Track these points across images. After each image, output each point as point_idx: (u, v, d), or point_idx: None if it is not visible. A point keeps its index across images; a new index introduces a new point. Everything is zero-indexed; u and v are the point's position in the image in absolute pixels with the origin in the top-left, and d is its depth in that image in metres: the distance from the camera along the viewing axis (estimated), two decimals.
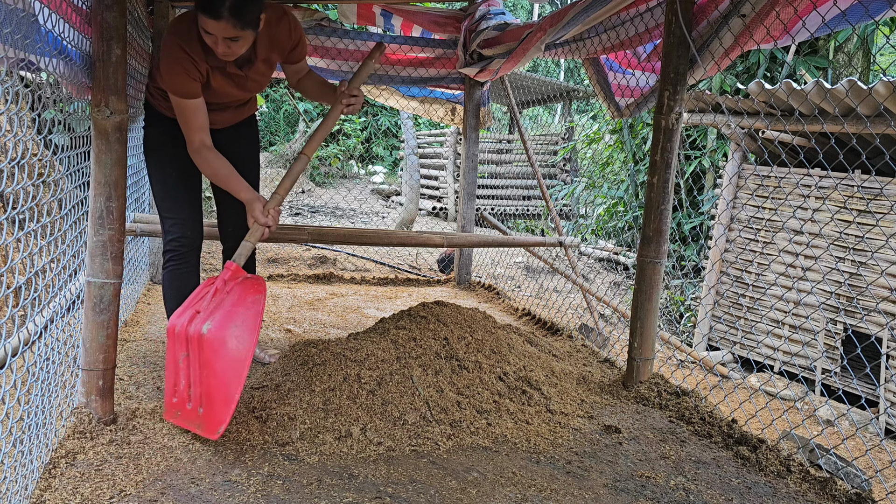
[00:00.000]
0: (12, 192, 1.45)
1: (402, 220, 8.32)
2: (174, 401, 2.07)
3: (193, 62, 2.14)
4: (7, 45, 1.30)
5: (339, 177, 13.27)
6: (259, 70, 2.33)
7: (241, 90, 2.37)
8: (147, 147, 2.45)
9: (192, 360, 2.00)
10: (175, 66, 2.12)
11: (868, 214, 4.72)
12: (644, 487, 1.98)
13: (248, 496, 1.73)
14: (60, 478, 1.71)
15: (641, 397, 2.68)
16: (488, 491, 1.87)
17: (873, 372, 4.66)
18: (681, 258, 7.48)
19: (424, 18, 4.28)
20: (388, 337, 2.48)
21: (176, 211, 2.41)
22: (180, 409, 2.05)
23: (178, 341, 2.04)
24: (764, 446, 2.27)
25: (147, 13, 3.65)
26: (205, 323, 2.00)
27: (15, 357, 1.48)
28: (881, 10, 2.00)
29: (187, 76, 2.14)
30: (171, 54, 2.12)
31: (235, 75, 2.29)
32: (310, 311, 3.78)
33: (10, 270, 1.63)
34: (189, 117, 2.20)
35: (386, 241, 3.80)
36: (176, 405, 2.06)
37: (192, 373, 2.02)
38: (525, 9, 18.28)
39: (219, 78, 2.26)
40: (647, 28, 2.89)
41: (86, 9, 1.89)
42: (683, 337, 6.22)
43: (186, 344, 2.01)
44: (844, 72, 7.00)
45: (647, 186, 2.74)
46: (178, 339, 2.03)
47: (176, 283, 2.42)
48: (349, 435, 2.04)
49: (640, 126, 8.35)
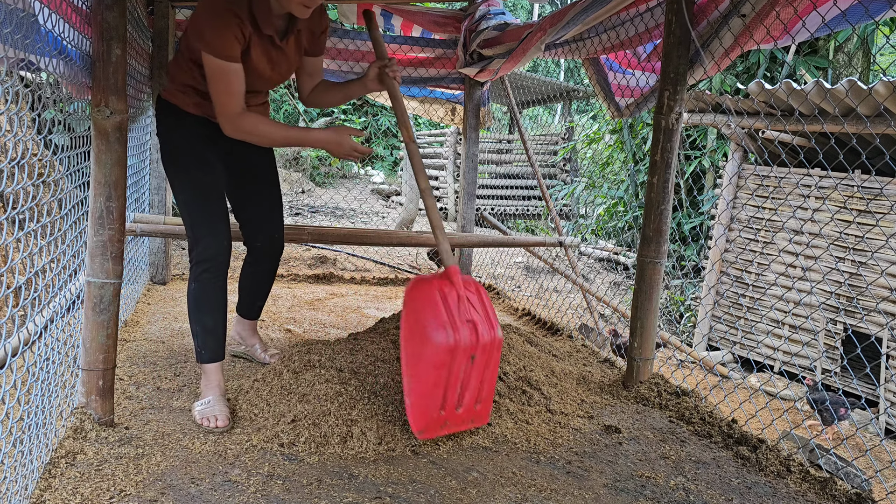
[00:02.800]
0: (12, 192, 1.45)
1: (402, 220, 8.32)
2: (441, 414, 2.03)
3: (240, 23, 2.03)
4: (7, 45, 1.30)
5: (339, 177, 13.27)
6: (291, 48, 2.25)
7: (272, 72, 2.24)
8: (173, 152, 2.26)
9: (479, 365, 2.02)
10: (220, 25, 2.00)
11: (868, 214, 4.72)
12: (644, 487, 1.98)
13: (248, 496, 1.73)
14: (60, 478, 1.71)
15: (641, 397, 2.68)
16: (488, 491, 1.87)
17: (873, 372, 4.66)
18: (681, 258, 7.48)
19: (424, 18, 4.28)
20: (388, 337, 2.48)
21: (211, 220, 2.23)
22: (448, 419, 2.05)
23: (463, 356, 1.97)
24: (764, 446, 2.26)
25: (147, 13, 3.65)
26: (491, 328, 2.04)
27: (15, 357, 1.48)
28: (881, 10, 2.00)
29: (233, 37, 2.02)
30: (216, 12, 2.01)
31: (274, 49, 2.19)
32: (310, 311, 3.78)
33: (10, 270, 1.63)
34: (229, 82, 2.05)
35: (386, 241, 3.80)
36: (443, 417, 2.04)
37: (473, 378, 2.03)
38: (525, 9, 18.29)
39: (258, 50, 2.14)
40: (647, 28, 2.88)
41: (86, 9, 1.89)
42: (683, 337, 6.22)
43: (476, 353, 2.00)
44: (844, 72, 7.00)
45: (647, 186, 2.74)
46: (464, 354, 1.97)
47: (214, 294, 2.25)
48: (349, 435, 2.04)
49: (640, 126, 8.35)
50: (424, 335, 1.97)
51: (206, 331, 2.23)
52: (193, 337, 2.26)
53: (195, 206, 2.24)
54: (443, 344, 1.94)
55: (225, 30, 2.01)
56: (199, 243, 2.23)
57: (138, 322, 3.24)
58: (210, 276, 2.23)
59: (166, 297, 3.81)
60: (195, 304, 2.25)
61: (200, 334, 2.24)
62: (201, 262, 2.23)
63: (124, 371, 2.54)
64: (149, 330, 3.14)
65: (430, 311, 2.00)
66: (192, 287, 2.25)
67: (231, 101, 2.07)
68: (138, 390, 2.38)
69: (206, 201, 2.23)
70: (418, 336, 1.99)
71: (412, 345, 2.02)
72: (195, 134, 2.27)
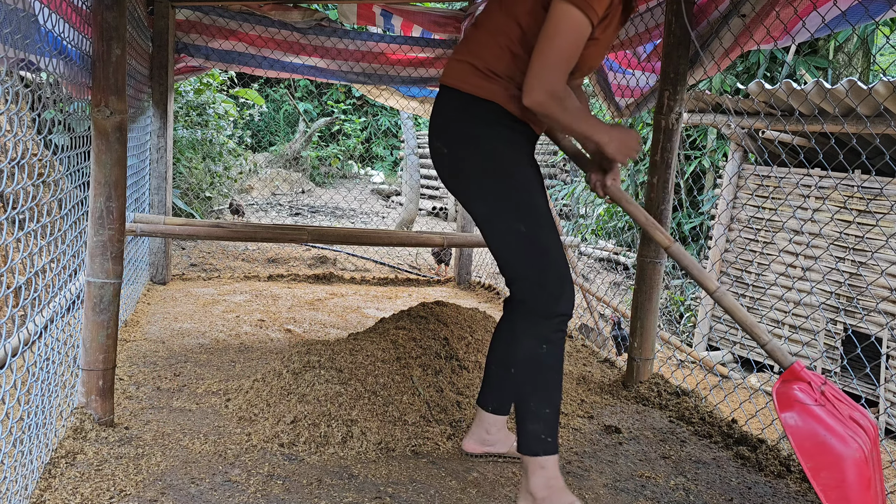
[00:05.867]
0: (12, 192, 1.46)
1: (402, 220, 8.32)
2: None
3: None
4: (7, 45, 1.30)
5: (339, 177, 13.27)
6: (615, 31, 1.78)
7: (598, 57, 1.79)
8: (502, 166, 1.69)
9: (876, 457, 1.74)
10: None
11: (868, 214, 4.72)
12: (644, 487, 1.98)
13: (248, 496, 1.73)
14: (60, 478, 1.71)
15: (641, 397, 2.68)
16: (488, 491, 1.87)
17: (873, 372, 4.66)
18: None
19: (424, 18, 4.28)
20: (388, 337, 2.48)
21: (559, 256, 1.68)
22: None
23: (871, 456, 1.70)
24: (764, 446, 2.27)
25: (147, 13, 3.65)
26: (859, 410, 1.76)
27: (15, 357, 1.48)
28: (881, 11, 2.00)
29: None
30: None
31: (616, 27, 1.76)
32: (310, 311, 3.78)
33: (10, 270, 1.63)
34: (574, 43, 1.57)
35: (386, 241, 3.80)
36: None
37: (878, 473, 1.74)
38: None
39: (614, 24, 1.71)
40: (647, 28, 2.89)
41: (86, 9, 1.89)
42: (683, 337, 6.22)
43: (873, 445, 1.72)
44: (844, 72, 7.00)
45: (647, 186, 2.74)
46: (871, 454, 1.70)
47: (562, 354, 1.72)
48: (350, 435, 2.04)
49: (640, 126, 8.35)
50: (834, 460, 1.67)
51: (556, 410, 1.68)
52: (534, 419, 1.65)
53: (544, 235, 1.67)
54: (858, 457, 1.65)
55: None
56: (565, 287, 1.66)
57: (138, 322, 3.24)
58: (563, 334, 1.69)
59: (166, 297, 3.81)
60: (550, 374, 1.67)
61: (551, 417, 1.66)
62: (561, 316, 1.66)
63: (124, 371, 2.54)
64: (149, 330, 3.14)
65: (821, 430, 1.69)
66: (545, 351, 1.65)
67: (562, 66, 1.58)
68: (138, 390, 2.38)
69: (553, 231, 1.69)
70: (828, 464, 1.67)
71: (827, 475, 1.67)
72: (521, 143, 1.75)
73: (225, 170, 7.40)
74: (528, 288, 1.66)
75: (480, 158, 1.70)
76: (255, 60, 4.17)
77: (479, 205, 1.73)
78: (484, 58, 1.70)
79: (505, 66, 1.68)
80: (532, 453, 1.65)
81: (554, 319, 1.65)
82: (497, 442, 1.98)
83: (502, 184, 1.69)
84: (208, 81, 6.94)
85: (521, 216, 1.67)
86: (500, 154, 1.70)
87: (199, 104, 6.92)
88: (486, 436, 1.97)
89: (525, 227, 1.66)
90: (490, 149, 1.70)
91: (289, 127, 14.76)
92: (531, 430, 1.66)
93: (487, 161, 1.70)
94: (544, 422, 1.65)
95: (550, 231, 1.68)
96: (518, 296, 1.69)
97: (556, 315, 1.65)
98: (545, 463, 1.65)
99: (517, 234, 1.67)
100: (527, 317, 1.67)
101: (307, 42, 4.19)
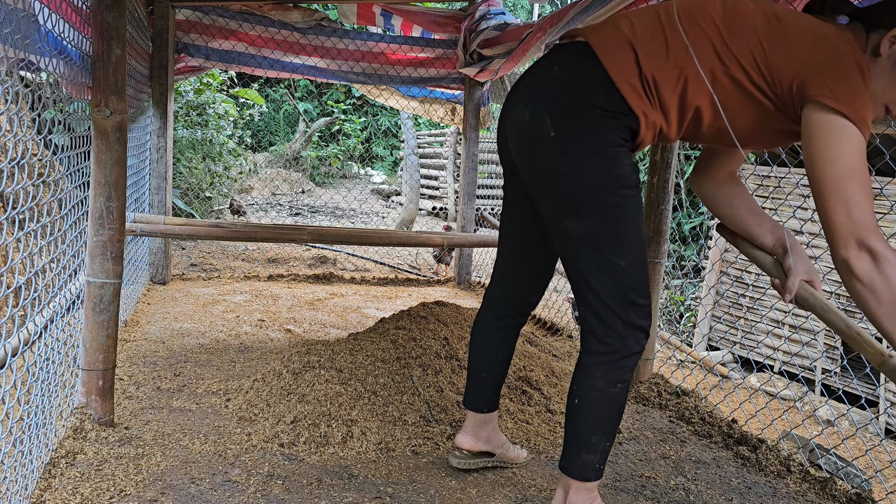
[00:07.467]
0: (12, 192, 1.45)
1: (402, 220, 8.32)
2: None
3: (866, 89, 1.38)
4: (7, 45, 1.30)
5: (339, 177, 13.27)
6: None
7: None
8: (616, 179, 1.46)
9: None
10: (860, 87, 1.36)
11: None
12: (644, 487, 1.98)
13: (248, 496, 1.73)
14: (60, 478, 1.71)
15: (641, 397, 2.68)
16: (488, 491, 1.87)
17: (873, 372, 4.67)
18: (681, 258, 7.48)
19: (424, 18, 4.28)
20: (388, 337, 2.48)
21: (648, 294, 1.54)
22: None
23: None
24: (764, 446, 2.27)
25: (147, 13, 3.65)
26: None
27: (15, 357, 1.48)
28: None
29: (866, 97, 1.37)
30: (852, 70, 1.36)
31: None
32: (310, 311, 3.78)
33: (10, 270, 1.63)
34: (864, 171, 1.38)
35: (386, 241, 3.80)
36: None
37: None
38: (525, 9, 18.27)
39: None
40: None
41: (86, 9, 1.89)
42: (683, 337, 6.22)
43: None
44: None
45: (647, 186, 2.74)
46: None
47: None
48: (350, 435, 2.04)
49: None
50: None
51: (613, 441, 1.62)
52: (593, 451, 1.57)
53: (639, 273, 1.52)
54: None
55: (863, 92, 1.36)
56: (637, 326, 1.53)
57: (138, 322, 3.24)
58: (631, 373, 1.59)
59: (166, 297, 3.81)
60: (618, 413, 1.57)
61: (608, 448, 1.60)
62: (635, 356, 1.55)
63: (124, 371, 2.54)
64: (149, 330, 3.14)
65: None
66: (618, 390, 1.54)
67: (868, 204, 1.36)
68: (138, 390, 2.38)
69: (646, 268, 1.55)
70: None
71: None
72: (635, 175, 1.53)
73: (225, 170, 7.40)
74: (612, 333, 1.51)
75: (599, 165, 1.45)
76: (255, 60, 4.17)
77: (580, 221, 1.48)
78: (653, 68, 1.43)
79: (668, 93, 1.44)
80: (583, 479, 1.58)
81: (633, 359, 1.53)
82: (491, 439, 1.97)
83: (619, 208, 1.47)
84: (208, 81, 6.94)
85: (627, 250, 1.48)
86: (627, 169, 1.47)
87: (199, 104, 6.92)
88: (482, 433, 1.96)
89: (626, 262, 1.48)
90: (616, 160, 1.45)
91: (289, 127, 14.77)
92: (586, 460, 1.57)
93: (609, 172, 1.45)
94: (602, 453, 1.58)
95: (645, 270, 1.53)
96: (602, 338, 1.52)
97: (634, 354, 1.53)
98: (592, 486, 1.61)
99: (618, 268, 1.48)
100: (605, 363, 1.53)
101: (307, 42, 4.19)
